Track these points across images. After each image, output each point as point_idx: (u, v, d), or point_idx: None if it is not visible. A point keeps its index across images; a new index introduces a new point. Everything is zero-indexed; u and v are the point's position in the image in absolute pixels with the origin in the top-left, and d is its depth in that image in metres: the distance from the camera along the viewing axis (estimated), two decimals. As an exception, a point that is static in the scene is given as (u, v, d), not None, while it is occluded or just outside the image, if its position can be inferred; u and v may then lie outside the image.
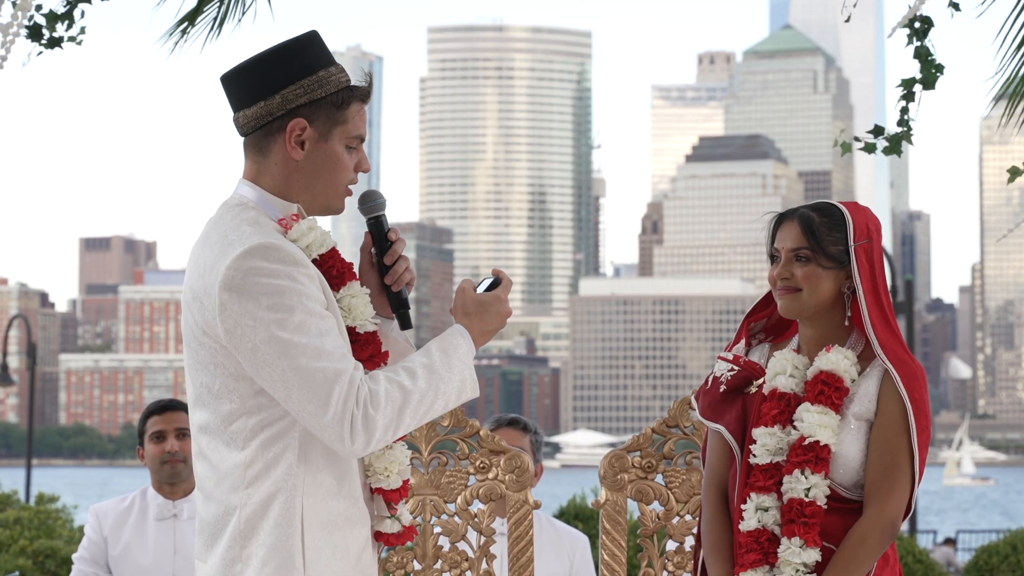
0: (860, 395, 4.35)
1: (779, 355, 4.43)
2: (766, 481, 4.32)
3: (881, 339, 4.33)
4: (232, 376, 3.79)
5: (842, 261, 4.37)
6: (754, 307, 4.60)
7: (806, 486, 4.27)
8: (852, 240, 4.36)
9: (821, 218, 4.39)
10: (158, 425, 6.52)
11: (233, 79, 3.90)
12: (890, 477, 4.29)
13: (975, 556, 16.52)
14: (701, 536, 4.51)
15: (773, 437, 4.33)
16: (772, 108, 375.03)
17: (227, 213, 3.89)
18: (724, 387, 4.48)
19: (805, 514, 4.26)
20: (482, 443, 5.40)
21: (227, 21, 6.43)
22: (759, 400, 4.42)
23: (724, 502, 4.48)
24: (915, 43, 5.81)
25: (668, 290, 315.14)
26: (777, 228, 4.46)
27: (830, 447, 4.29)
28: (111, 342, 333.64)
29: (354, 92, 3.91)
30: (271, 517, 3.77)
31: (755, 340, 4.61)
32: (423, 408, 3.79)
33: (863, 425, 4.35)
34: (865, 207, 4.45)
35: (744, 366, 4.47)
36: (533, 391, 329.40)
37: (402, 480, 3.96)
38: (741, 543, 4.33)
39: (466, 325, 3.92)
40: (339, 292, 3.89)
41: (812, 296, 4.36)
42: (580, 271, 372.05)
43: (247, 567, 3.77)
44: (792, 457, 4.30)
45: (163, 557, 6.47)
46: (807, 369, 4.39)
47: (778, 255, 4.43)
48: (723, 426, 4.44)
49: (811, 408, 4.31)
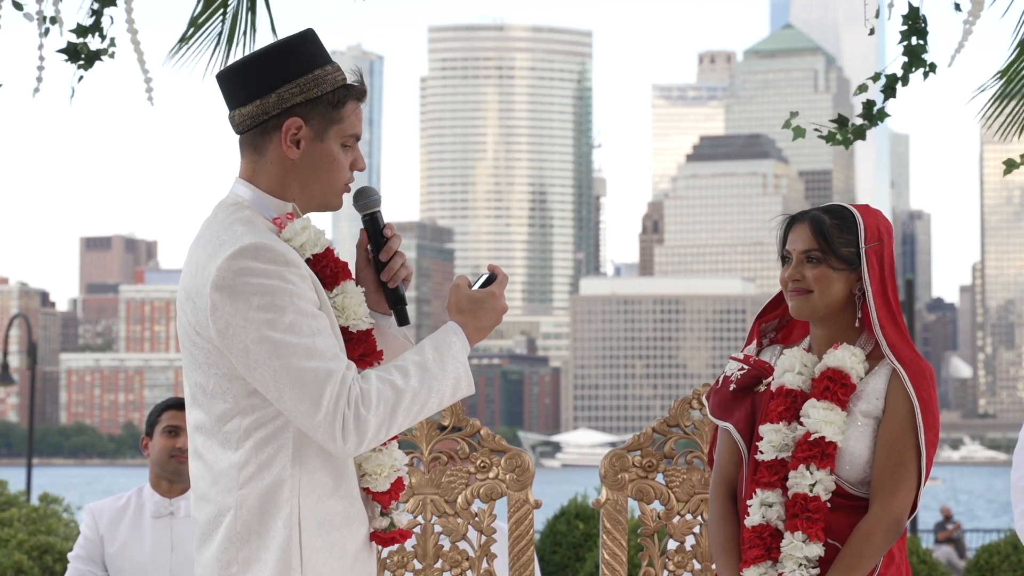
0: (868, 392, 4.36)
1: (788, 353, 4.45)
2: (771, 477, 4.33)
3: (889, 339, 4.34)
4: (225, 376, 3.78)
5: (853, 263, 4.38)
6: (765, 308, 4.62)
7: (811, 481, 4.28)
8: (863, 242, 4.37)
9: (832, 220, 4.40)
10: (174, 420, 6.52)
11: (229, 77, 3.89)
12: (896, 475, 4.30)
13: (976, 555, 16.53)
14: (710, 535, 4.50)
15: (779, 433, 4.34)
16: (773, 107, 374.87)
17: (221, 213, 3.88)
18: (734, 386, 4.48)
19: (809, 509, 4.27)
20: (482, 442, 5.39)
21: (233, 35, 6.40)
22: (767, 398, 4.43)
23: (732, 502, 4.48)
24: (913, 42, 5.79)
25: (668, 290, 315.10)
26: (788, 230, 4.47)
27: (836, 443, 4.30)
28: (112, 341, 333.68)
29: (350, 91, 3.90)
30: (267, 518, 3.76)
31: (766, 340, 4.62)
32: (416, 407, 3.78)
33: (870, 422, 4.36)
34: (876, 210, 4.46)
35: (754, 365, 4.48)
36: (533, 390, 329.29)
37: (390, 483, 3.94)
38: (745, 538, 4.34)
39: (460, 322, 3.91)
40: (332, 291, 3.88)
41: (823, 297, 4.37)
42: (580, 270, 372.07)
43: (244, 567, 3.77)
44: (798, 453, 4.31)
45: (160, 555, 6.48)
46: (816, 367, 4.40)
47: (789, 257, 4.44)
48: (731, 424, 4.45)
49: (817, 404, 4.32)
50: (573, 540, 14.80)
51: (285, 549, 3.75)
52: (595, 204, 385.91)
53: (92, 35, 6.00)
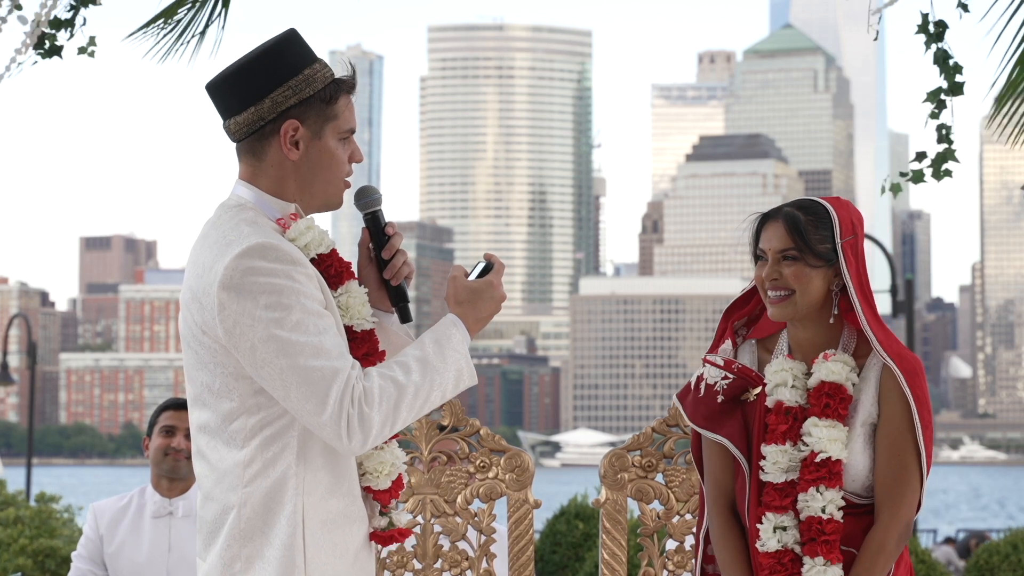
0: (863, 401, 4.33)
1: (776, 364, 4.37)
2: (782, 500, 4.28)
3: (878, 335, 4.29)
4: (232, 375, 3.80)
5: (830, 259, 4.32)
6: (734, 304, 4.54)
7: (822, 504, 4.24)
8: (839, 237, 4.32)
9: (806, 216, 4.34)
10: (171, 420, 6.58)
11: (219, 87, 3.91)
12: (901, 480, 4.27)
13: (975, 555, 16.52)
14: (715, 551, 4.44)
15: (785, 455, 4.29)
16: (772, 107, 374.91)
17: (225, 214, 3.90)
18: (722, 398, 4.41)
19: (825, 532, 4.23)
20: (482, 442, 5.40)
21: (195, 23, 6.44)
22: (761, 412, 4.36)
23: (734, 515, 4.42)
24: (934, 47, 5.71)
25: (668, 289, 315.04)
26: (761, 228, 4.40)
27: (841, 461, 4.26)
28: (111, 341, 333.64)
29: (340, 85, 3.92)
30: (271, 516, 3.78)
31: (739, 337, 4.54)
32: (419, 401, 3.79)
33: (868, 430, 4.32)
34: (847, 201, 4.40)
35: (739, 373, 4.40)
36: (533, 390, 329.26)
37: (391, 481, 3.96)
38: (762, 564, 4.29)
39: (459, 314, 3.92)
40: (337, 291, 3.90)
41: (804, 296, 4.32)
42: (580, 270, 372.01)
43: (247, 566, 3.78)
44: (805, 475, 4.26)
45: (158, 554, 6.52)
46: (806, 377, 4.36)
47: (763, 256, 4.38)
48: (726, 439, 4.37)
49: (819, 423, 4.27)
50: (573, 540, 14.79)
51: (289, 547, 3.77)
52: (595, 204, 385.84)
53: (65, 29, 6.11)
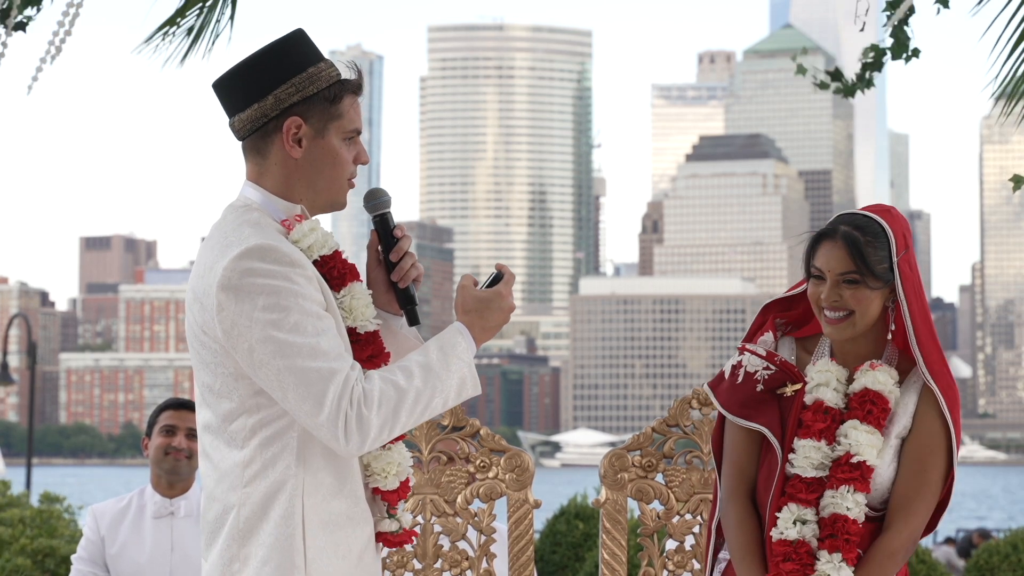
0: (900, 415, 4.34)
1: (821, 364, 4.38)
2: (808, 494, 4.28)
3: (927, 356, 4.29)
4: (231, 376, 3.81)
5: (887, 279, 4.30)
6: (775, 302, 4.54)
7: (850, 504, 4.25)
8: (895, 255, 4.30)
9: (865, 237, 4.29)
10: (171, 420, 6.57)
11: (225, 85, 3.93)
12: (920, 495, 4.29)
13: (975, 555, 16.51)
14: (729, 537, 4.43)
15: (819, 452, 4.29)
16: (772, 107, 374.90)
17: (231, 215, 3.91)
18: (761, 387, 4.39)
19: (848, 532, 4.25)
20: (482, 442, 5.40)
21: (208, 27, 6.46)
22: (798, 407, 4.36)
23: (753, 504, 4.43)
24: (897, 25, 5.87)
25: (668, 289, 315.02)
26: (816, 246, 4.35)
27: (872, 468, 4.28)
28: (111, 341, 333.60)
29: (345, 85, 3.93)
30: (270, 516, 3.78)
31: (780, 333, 4.53)
32: (420, 407, 3.79)
33: (900, 444, 4.35)
34: (895, 211, 4.38)
35: (780, 366, 4.39)
36: (533, 390, 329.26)
37: (400, 481, 3.96)
38: (775, 550, 4.29)
39: (466, 322, 3.92)
40: (340, 293, 3.90)
41: (863, 318, 4.30)
42: (580, 270, 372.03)
43: (245, 566, 3.79)
44: (837, 473, 4.27)
45: (160, 555, 6.51)
46: (848, 382, 4.36)
47: (820, 275, 4.34)
48: (765, 427, 4.36)
49: (860, 426, 4.28)
50: (573, 540, 14.78)
51: (287, 548, 3.77)
52: (595, 204, 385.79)
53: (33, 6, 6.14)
